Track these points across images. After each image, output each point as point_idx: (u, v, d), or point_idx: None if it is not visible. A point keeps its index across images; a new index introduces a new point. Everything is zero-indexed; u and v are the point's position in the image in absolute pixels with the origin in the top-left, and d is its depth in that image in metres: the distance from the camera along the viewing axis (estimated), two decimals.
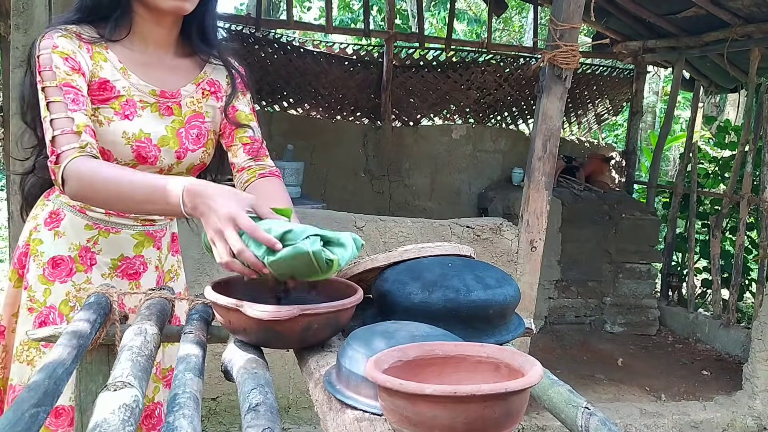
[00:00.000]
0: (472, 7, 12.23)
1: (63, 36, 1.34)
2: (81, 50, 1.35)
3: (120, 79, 1.39)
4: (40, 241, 1.46)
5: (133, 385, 0.91)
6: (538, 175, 2.88)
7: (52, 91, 1.30)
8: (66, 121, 1.28)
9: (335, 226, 2.84)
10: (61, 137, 1.26)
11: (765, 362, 3.42)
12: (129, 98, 1.39)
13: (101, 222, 1.48)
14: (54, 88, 1.30)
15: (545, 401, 1.13)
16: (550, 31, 2.80)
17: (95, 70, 1.36)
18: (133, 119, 1.39)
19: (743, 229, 4.37)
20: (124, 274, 1.53)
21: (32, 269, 1.46)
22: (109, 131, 1.37)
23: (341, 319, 1.17)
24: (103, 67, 1.37)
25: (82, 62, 1.34)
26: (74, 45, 1.34)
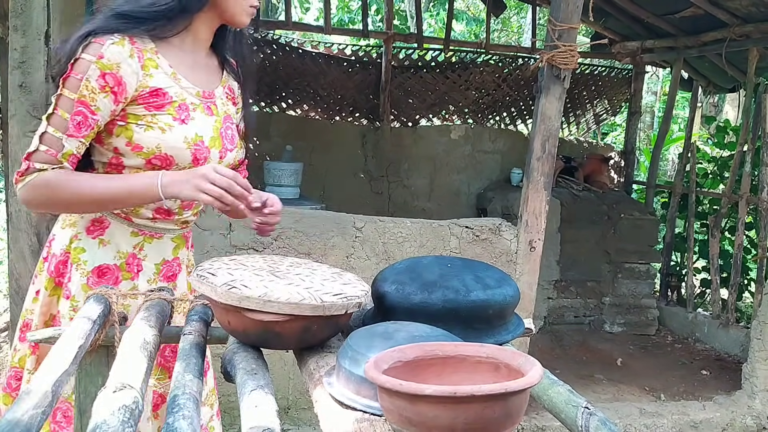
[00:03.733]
0: (471, 7, 12.23)
1: (115, 44, 1.30)
2: (131, 59, 1.32)
3: (172, 85, 1.38)
4: (82, 250, 1.44)
5: (132, 386, 0.91)
6: (537, 175, 2.88)
7: (65, 103, 1.29)
8: (56, 143, 1.29)
9: (334, 227, 2.84)
10: (43, 155, 1.29)
11: (764, 362, 3.42)
12: (181, 102, 1.39)
13: (146, 228, 1.48)
14: (68, 100, 1.29)
15: (545, 401, 1.13)
16: (548, 32, 2.80)
17: (145, 81, 1.35)
18: (188, 123, 1.39)
19: (742, 229, 4.37)
20: (165, 277, 1.54)
21: (75, 278, 1.44)
22: (171, 138, 1.37)
23: (341, 320, 1.17)
24: (154, 75, 1.36)
25: (126, 76, 1.32)
26: (124, 54, 1.31)
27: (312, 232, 2.81)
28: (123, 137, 1.35)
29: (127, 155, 1.37)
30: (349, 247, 2.86)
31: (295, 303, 1.08)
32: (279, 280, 1.17)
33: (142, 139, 1.35)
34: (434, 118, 6.03)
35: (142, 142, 1.35)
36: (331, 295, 1.14)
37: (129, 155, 1.37)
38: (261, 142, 5.32)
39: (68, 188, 1.31)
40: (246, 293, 1.08)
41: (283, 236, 2.78)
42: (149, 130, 1.35)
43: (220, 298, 1.11)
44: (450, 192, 5.81)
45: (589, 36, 7.21)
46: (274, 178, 3.58)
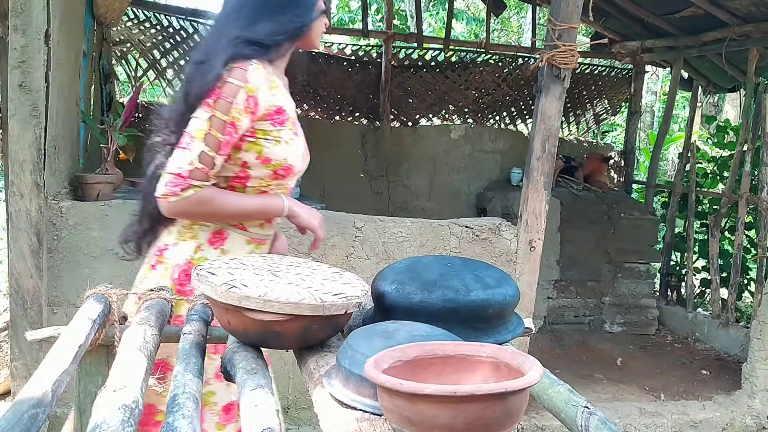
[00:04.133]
0: (471, 7, 12.23)
1: (257, 69, 1.43)
2: (266, 82, 1.46)
3: (287, 102, 1.54)
4: (205, 259, 1.52)
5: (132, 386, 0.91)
6: (537, 175, 2.88)
7: (218, 124, 1.40)
8: (210, 161, 1.41)
9: (334, 227, 2.84)
10: (199, 172, 1.40)
11: (764, 361, 3.42)
12: (293, 118, 1.56)
13: (257, 235, 1.62)
14: (220, 121, 1.40)
15: (545, 401, 1.13)
16: (548, 31, 2.80)
17: (272, 100, 1.48)
18: (299, 136, 1.58)
19: (742, 229, 4.37)
20: None
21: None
22: (293, 150, 1.53)
23: (341, 320, 1.17)
24: (276, 94, 1.50)
25: (261, 97, 1.45)
26: (262, 78, 1.44)
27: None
28: (253, 152, 1.47)
29: (255, 168, 1.49)
30: (349, 246, 2.86)
31: (295, 303, 1.08)
32: (279, 279, 1.17)
33: (272, 153, 1.49)
34: (434, 118, 6.03)
35: (272, 156, 1.49)
36: (331, 294, 1.14)
37: (257, 168, 1.49)
38: None
39: (220, 204, 1.46)
40: (246, 293, 1.08)
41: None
42: (277, 144, 1.49)
43: (219, 297, 1.11)
44: (450, 192, 5.81)
45: (589, 36, 7.21)
46: None
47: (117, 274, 2.63)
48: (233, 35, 1.43)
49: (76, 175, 2.75)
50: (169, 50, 5.09)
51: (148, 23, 4.91)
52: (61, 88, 2.58)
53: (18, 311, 2.51)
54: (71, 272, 2.61)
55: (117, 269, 2.65)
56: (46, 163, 2.45)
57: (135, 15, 4.83)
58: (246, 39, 1.43)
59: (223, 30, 1.48)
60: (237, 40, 1.42)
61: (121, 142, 2.89)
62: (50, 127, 2.45)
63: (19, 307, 2.51)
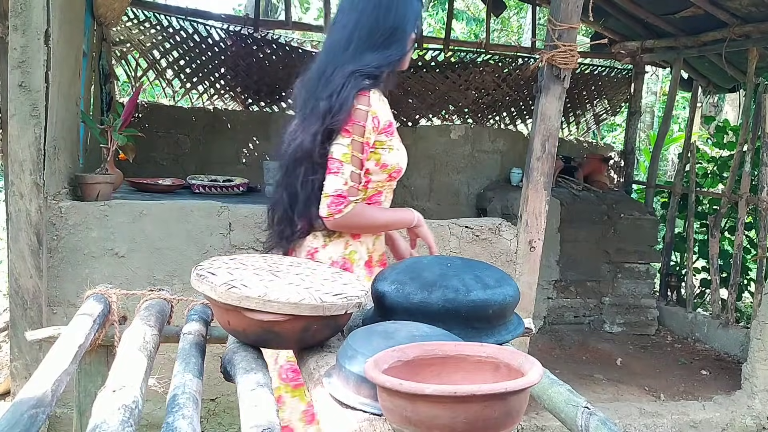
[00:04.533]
0: (471, 7, 12.23)
1: (374, 93, 1.68)
2: (382, 103, 1.72)
3: (391, 115, 1.77)
4: (355, 252, 1.79)
5: (132, 386, 0.91)
6: (537, 175, 2.88)
7: (357, 146, 1.64)
8: (357, 177, 1.66)
9: None
10: (354, 190, 1.65)
11: (764, 362, 3.42)
12: (396, 129, 1.79)
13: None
14: (359, 144, 1.64)
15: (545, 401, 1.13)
16: (548, 32, 2.80)
17: (386, 116, 1.73)
18: (401, 143, 1.81)
19: (742, 229, 4.37)
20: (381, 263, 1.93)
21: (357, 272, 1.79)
22: (402, 156, 1.78)
23: (340, 320, 1.17)
24: (387, 111, 1.74)
25: (380, 116, 1.69)
26: (378, 100, 1.69)
27: None
28: (373, 160, 1.72)
29: (375, 173, 1.74)
30: None
31: (295, 303, 1.08)
32: (279, 279, 1.17)
33: (388, 160, 1.74)
34: (434, 118, 6.03)
35: (388, 162, 1.74)
36: (331, 295, 1.14)
37: (377, 173, 1.74)
38: (260, 142, 5.33)
39: (369, 215, 1.74)
40: (246, 293, 1.08)
41: None
42: (391, 151, 1.74)
43: (219, 297, 1.11)
44: (450, 192, 5.80)
45: (589, 36, 7.21)
46: (273, 177, 3.57)
47: (116, 275, 2.63)
48: (350, 70, 1.64)
49: (75, 175, 2.75)
50: (168, 50, 5.08)
51: (148, 23, 4.91)
52: (61, 88, 2.58)
53: (18, 311, 2.51)
54: (71, 272, 2.61)
55: (116, 269, 2.65)
56: (45, 163, 2.45)
57: (135, 15, 4.83)
58: (362, 73, 1.65)
59: (331, 63, 1.69)
60: (356, 74, 1.64)
61: (120, 142, 2.89)
62: (50, 127, 2.45)
63: (19, 307, 2.51)
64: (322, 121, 1.63)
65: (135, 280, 2.64)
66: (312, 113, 1.66)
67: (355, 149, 1.63)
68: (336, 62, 1.67)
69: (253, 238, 2.75)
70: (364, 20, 1.68)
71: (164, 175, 4.10)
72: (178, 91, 5.32)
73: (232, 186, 3.56)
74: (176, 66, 5.17)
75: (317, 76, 1.71)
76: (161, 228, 2.68)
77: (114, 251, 2.64)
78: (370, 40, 1.68)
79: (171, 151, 5.10)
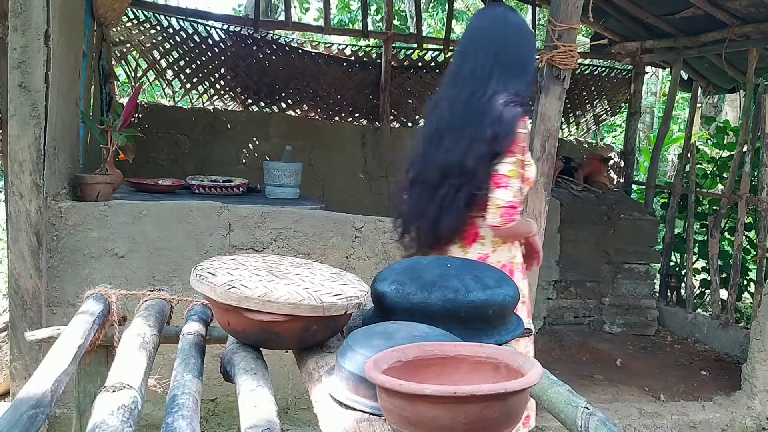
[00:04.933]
0: (471, 7, 12.23)
1: (526, 120, 1.91)
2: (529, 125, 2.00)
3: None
4: (515, 256, 2.04)
5: (132, 386, 0.91)
6: (537, 175, 2.88)
7: (519, 164, 1.87)
8: (520, 191, 1.89)
9: (334, 227, 2.84)
10: (519, 202, 1.87)
11: (763, 362, 3.42)
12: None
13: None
14: (521, 162, 1.87)
15: (545, 401, 1.13)
16: (548, 32, 2.80)
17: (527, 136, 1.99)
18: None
19: (741, 230, 4.37)
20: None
21: (517, 275, 2.02)
22: (533, 169, 2.01)
23: (340, 320, 1.17)
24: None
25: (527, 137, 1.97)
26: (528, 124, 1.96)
27: (311, 232, 2.81)
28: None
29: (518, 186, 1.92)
30: (349, 247, 2.86)
31: (295, 303, 1.08)
32: (279, 280, 1.17)
33: (528, 173, 1.94)
34: None
35: (528, 175, 1.95)
36: (331, 295, 1.14)
37: (519, 185, 1.90)
38: (260, 142, 5.32)
39: (524, 226, 1.98)
40: (246, 293, 1.08)
41: (282, 236, 2.78)
42: (529, 166, 1.95)
43: (219, 297, 1.11)
44: None
45: (589, 36, 7.21)
46: (273, 178, 3.57)
47: (116, 275, 2.63)
48: (504, 99, 1.85)
49: (75, 175, 2.75)
50: (168, 51, 5.09)
51: (148, 24, 4.91)
52: (61, 89, 2.58)
53: (17, 311, 2.51)
54: (71, 272, 2.61)
55: (116, 270, 2.65)
56: (45, 163, 2.45)
57: (135, 15, 4.83)
58: (515, 102, 1.86)
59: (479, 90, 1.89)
60: (512, 103, 1.86)
61: (120, 143, 2.89)
62: (50, 128, 2.45)
63: (19, 307, 2.51)
64: (489, 146, 1.83)
65: (135, 280, 2.63)
66: (472, 137, 1.85)
67: (518, 167, 1.86)
68: (483, 89, 1.88)
69: (253, 238, 2.75)
70: (502, 52, 1.91)
71: (164, 175, 4.10)
72: (178, 92, 5.32)
73: (232, 186, 3.56)
74: (176, 66, 5.17)
75: (465, 100, 1.90)
76: (161, 228, 2.68)
77: (114, 251, 2.64)
78: (511, 71, 1.91)
79: (171, 152, 5.10)
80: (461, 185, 1.86)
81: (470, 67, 1.92)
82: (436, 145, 1.93)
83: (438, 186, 1.90)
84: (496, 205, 1.84)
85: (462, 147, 1.86)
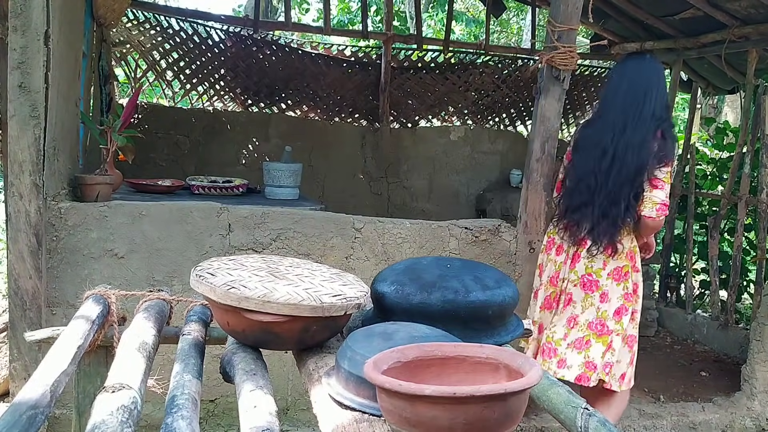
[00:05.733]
0: (470, 8, 12.24)
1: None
2: None
3: None
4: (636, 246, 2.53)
5: (131, 386, 0.91)
6: (537, 176, 2.88)
7: (671, 175, 2.40)
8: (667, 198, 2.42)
9: (333, 228, 2.84)
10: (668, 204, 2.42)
11: (763, 363, 3.42)
12: None
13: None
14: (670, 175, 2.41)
15: (544, 402, 1.13)
16: (548, 33, 2.80)
17: None
18: None
19: (741, 231, 4.37)
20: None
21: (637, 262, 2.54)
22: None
23: (340, 321, 1.17)
24: None
25: None
26: None
27: (311, 232, 2.81)
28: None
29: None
30: (349, 247, 2.86)
31: (295, 304, 1.08)
32: (278, 280, 1.17)
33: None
34: (434, 119, 6.03)
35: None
36: (331, 296, 1.14)
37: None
38: (260, 143, 5.33)
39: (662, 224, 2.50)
40: (245, 294, 1.08)
41: (282, 237, 2.78)
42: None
43: (219, 298, 1.11)
44: (449, 193, 5.81)
45: (589, 37, 7.21)
46: (273, 178, 3.57)
47: (116, 275, 2.63)
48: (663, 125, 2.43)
49: (75, 176, 2.75)
50: (168, 51, 5.09)
51: (148, 24, 4.91)
52: (61, 89, 2.58)
53: (17, 312, 2.51)
54: (70, 273, 2.61)
55: (116, 270, 2.65)
56: (45, 164, 2.45)
57: (135, 16, 4.83)
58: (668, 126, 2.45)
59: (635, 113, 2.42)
60: (669, 128, 2.45)
61: (120, 143, 2.89)
62: (49, 128, 2.45)
63: (18, 307, 2.51)
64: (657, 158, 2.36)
65: (134, 280, 2.63)
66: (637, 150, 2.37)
67: (671, 176, 2.37)
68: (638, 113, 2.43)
69: (253, 239, 2.75)
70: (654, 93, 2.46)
71: (164, 176, 4.11)
72: (178, 92, 5.32)
73: (232, 187, 3.56)
74: (176, 67, 5.17)
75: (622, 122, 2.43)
76: (161, 229, 2.68)
77: (113, 252, 2.64)
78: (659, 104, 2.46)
79: (170, 152, 5.10)
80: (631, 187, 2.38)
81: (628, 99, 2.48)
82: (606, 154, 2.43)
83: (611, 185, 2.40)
84: (654, 202, 2.38)
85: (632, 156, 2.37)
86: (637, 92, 2.45)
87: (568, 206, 2.53)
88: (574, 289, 2.50)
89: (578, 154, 2.55)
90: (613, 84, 2.54)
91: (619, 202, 2.38)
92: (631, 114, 2.42)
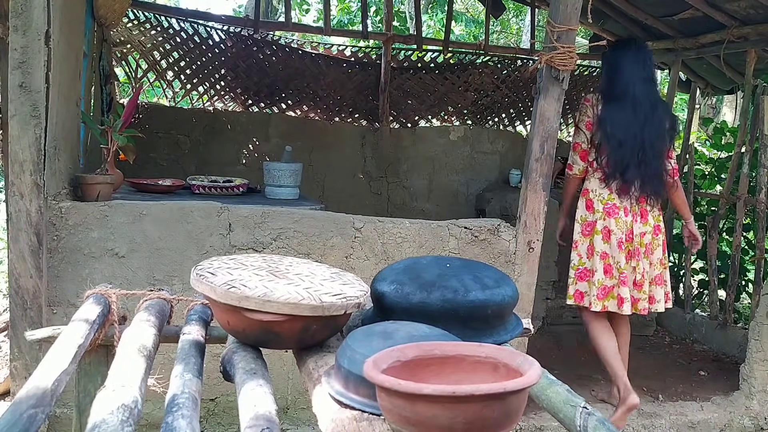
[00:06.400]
0: (470, 9, 12.24)
1: None
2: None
3: None
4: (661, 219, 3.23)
5: (131, 385, 0.91)
6: (536, 176, 2.89)
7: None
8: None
9: (333, 228, 2.84)
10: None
11: (762, 362, 3.43)
12: None
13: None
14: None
15: (543, 401, 1.13)
16: (547, 33, 2.80)
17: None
18: None
19: (740, 230, 4.38)
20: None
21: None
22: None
23: (340, 320, 1.17)
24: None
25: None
26: None
27: (311, 232, 2.81)
28: None
29: None
30: (349, 247, 2.86)
31: (295, 303, 1.08)
32: (278, 279, 1.18)
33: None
34: (433, 119, 6.03)
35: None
36: (331, 295, 1.14)
37: None
38: (260, 143, 5.33)
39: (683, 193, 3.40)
40: (246, 293, 1.09)
41: (282, 236, 2.78)
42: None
43: (219, 297, 1.11)
44: (449, 193, 5.81)
45: (588, 38, 7.21)
46: (273, 178, 3.57)
47: (116, 275, 2.64)
48: (669, 108, 3.18)
49: (76, 175, 2.75)
50: (169, 51, 5.09)
51: (149, 24, 4.91)
52: (62, 89, 2.59)
53: (18, 311, 2.51)
54: (71, 272, 2.61)
55: (116, 269, 2.65)
56: (46, 163, 2.45)
57: (135, 16, 4.83)
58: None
59: (652, 97, 3.12)
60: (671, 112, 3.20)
61: (120, 143, 2.89)
62: (50, 128, 2.46)
63: (19, 307, 2.51)
64: (670, 135, 3.10)
65: (135, 280, 2.64)
66: (658, 127, 3.05)
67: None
68: (657, 98, 3.15)
69: (253, 238, 2.75)
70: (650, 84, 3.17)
71: (164, 175, 4.11)
72: (178, 92, 5.32)
73: (232, 187, 3.56)
74: (176, 67, 5.17)
75: (649, 107, 3.08)
76: (161, 228, 2.68)
77: (114, 251, 2.65)
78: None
79: (171, 152, 5.10)
80: (659, 156, 3.06)
81: (647, 87, 3.15)
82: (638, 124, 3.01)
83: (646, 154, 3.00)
84: (673, 168, 3.14)
85: (659, 132, 3.04)
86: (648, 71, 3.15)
87: (617, 171, 3.01)
88: (651, 237, 3.11)
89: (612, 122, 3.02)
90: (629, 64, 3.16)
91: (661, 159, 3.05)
92: (649, 88, 3.09)
